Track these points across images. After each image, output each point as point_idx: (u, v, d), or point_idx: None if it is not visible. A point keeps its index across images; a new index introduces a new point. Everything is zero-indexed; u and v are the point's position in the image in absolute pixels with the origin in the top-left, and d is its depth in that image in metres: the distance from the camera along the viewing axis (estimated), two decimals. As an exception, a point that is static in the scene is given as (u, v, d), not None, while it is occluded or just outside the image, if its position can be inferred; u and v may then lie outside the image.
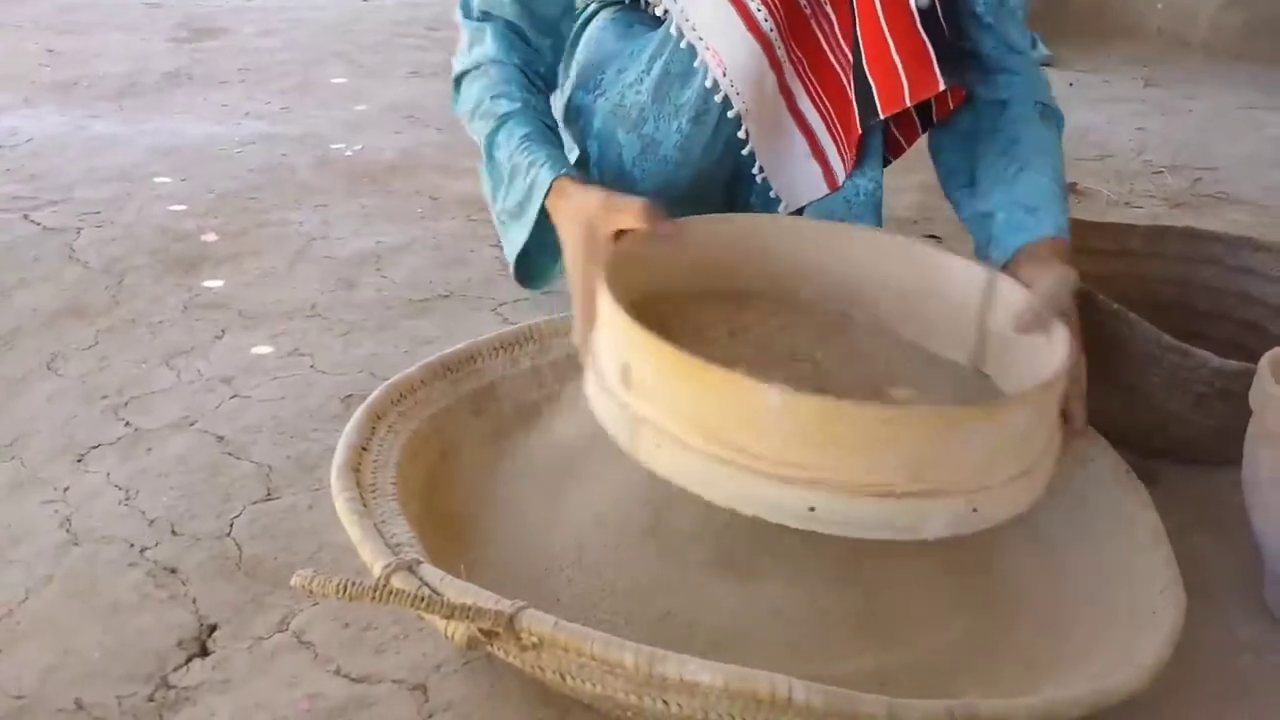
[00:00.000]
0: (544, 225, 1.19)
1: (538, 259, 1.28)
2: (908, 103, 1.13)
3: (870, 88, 1.14)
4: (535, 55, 1.24)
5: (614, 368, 0.91)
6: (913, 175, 1.79)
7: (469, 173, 1.27)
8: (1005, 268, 1.12)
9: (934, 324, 1.10)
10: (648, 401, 0.88)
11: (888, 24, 1.12)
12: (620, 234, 1.04)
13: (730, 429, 0.83)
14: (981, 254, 1.19)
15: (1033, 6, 1.30)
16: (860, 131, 1.19)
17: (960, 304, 1.08)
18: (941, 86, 1.12)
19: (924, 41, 1.11)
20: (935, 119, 1.28)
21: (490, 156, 1.19)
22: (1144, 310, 1.21)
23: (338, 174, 2.07)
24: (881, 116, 1.16)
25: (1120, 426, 1.16)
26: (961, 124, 1.26)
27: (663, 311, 0.92)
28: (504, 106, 1.18)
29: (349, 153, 2.19)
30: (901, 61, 1.12)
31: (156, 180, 1.98)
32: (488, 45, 1.21)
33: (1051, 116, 1.27)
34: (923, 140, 1.35)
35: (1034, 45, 3.03)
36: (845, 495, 0.83)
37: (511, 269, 1.27)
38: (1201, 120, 2.73)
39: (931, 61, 1.11)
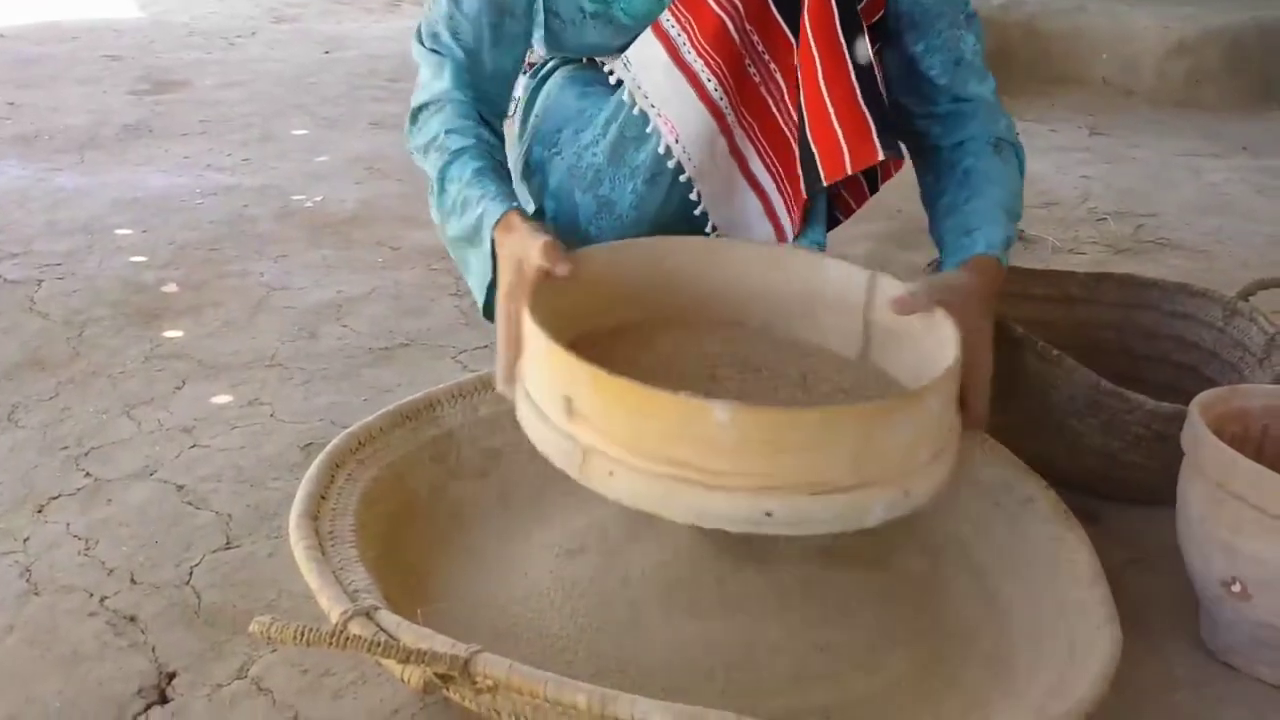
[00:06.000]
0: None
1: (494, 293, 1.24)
2: (849, 171, 1.16)
3: (814, 156, 1.17)
4: (487, 94, 1.26)
5: (554, 401, 0.93)
6: (865, 225, 1.84)
7: (429, 223, 1.28)
8: None
9: (822, 324, 1.15)
10: (595, 431, 0.90)
11: (829, 95, 1.15)
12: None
13: (682, 448, 0.86)
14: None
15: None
16: (806, 197, 1.22)
17: (844, 303, 1.13)
18: (880, 157, 1.15)
19: (864, 114, 1.14)
20: (879, 185, 1.34)
21: (442, 189, 1.20)
22: (1084, 355, 1.25)
23: (299, 225, 2.09)
24: (825, 184, 1.19)
25: (1062, 469, 1.20)
26: (928, 166, 1.31)
27: (586, 349, 0.94)
28: (457, 142, 1.19)
29: (309, 204, 2.21)
30: (843, 132, 1.15)
31: (117, 232, 2.00)
32: (445, 80, 1.23)
33: (1006, 150, 1.30)
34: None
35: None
36: (797, 496, 0.86)
37: (480, 302, 1.25)
38: (1145, 168, 2.78)
39: (871, 133, 1.14)
